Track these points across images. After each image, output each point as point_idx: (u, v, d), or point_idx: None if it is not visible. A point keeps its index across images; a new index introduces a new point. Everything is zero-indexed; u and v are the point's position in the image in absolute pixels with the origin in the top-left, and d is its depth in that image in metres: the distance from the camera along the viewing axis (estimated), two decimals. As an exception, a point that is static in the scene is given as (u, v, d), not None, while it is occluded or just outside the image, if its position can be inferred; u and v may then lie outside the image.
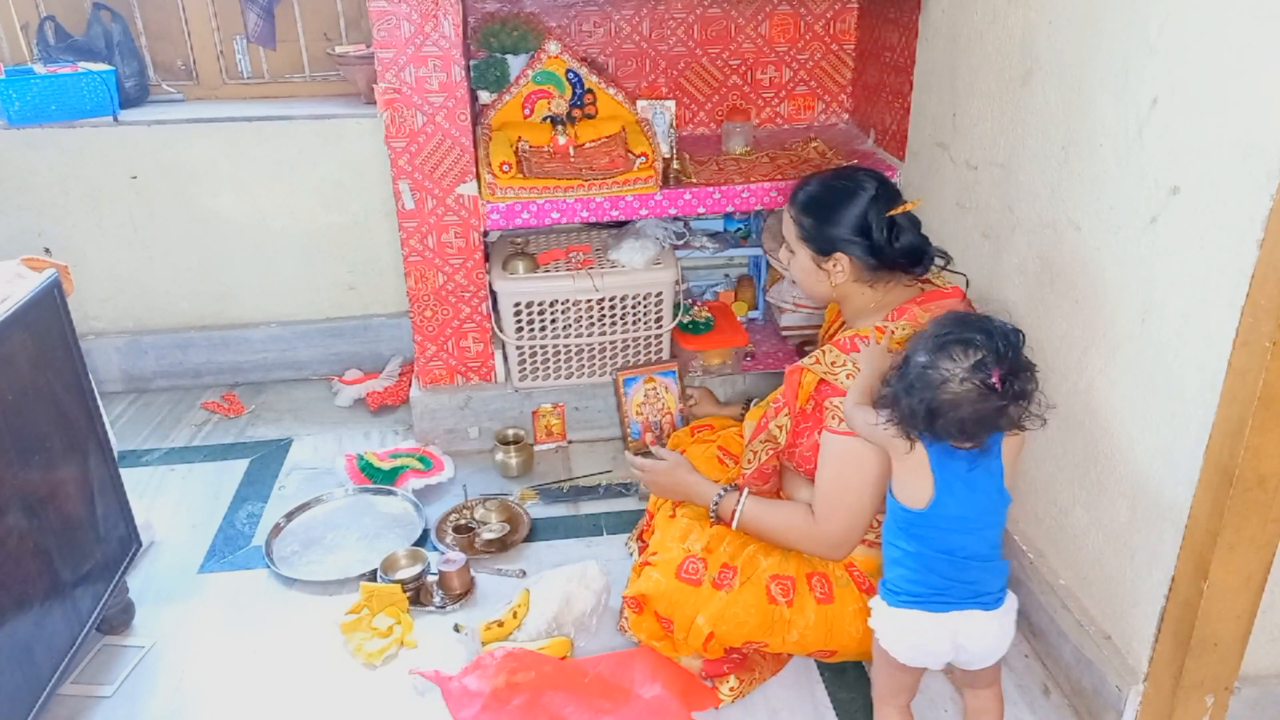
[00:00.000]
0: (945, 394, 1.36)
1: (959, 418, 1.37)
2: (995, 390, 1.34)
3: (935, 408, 1.36)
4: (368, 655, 1.81)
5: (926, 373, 1.37)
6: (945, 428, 1.38)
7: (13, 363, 1.55)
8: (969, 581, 1.46)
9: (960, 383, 1.35)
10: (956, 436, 1.40)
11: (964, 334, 1.38)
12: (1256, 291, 1.24)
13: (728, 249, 2.80)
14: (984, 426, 1.39)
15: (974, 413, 1.36)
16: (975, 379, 1.34)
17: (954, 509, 1.44)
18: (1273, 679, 1.57)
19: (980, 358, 1.35)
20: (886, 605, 1.50)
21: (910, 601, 1.47)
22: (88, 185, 2.64)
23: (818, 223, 1.71)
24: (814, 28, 2.77)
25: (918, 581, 1.47)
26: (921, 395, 1.37)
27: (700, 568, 1.69)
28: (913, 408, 1.39)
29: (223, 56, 2.83)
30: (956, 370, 1.35)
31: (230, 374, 2.90)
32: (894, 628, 1.50)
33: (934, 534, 1.45)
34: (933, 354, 1.38)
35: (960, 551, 1.45)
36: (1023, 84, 1.79)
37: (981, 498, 1.45)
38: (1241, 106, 1.24)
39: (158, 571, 2.10)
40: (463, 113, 2.21)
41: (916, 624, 1.47)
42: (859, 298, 1.74)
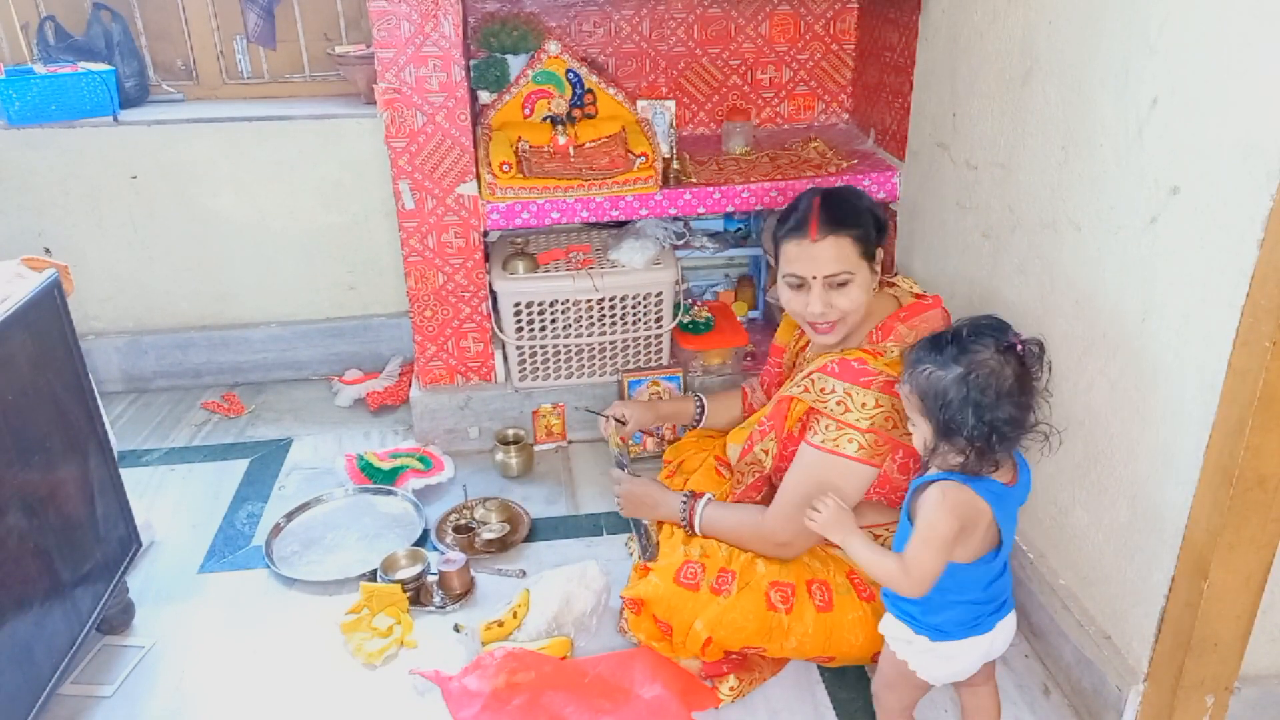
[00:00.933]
0: (1002, 380, 1.33)
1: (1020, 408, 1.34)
2: (1029, 350, 1.35)
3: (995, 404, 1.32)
4: (368, 655, 1.81)
5: (972, 378, 1.33)
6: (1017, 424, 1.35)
7: (13, 363, 1.55)
8: (1000, 594, 1.47)
9: (1002, 365, 1.33)
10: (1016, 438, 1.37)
11: (963, 333, 1.38)
12: (1256, 291, 1.24)
13: (728, 249, 2.80)
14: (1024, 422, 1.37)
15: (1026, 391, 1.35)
16: (1007, 354, 1.34)
17: (1009, 546, 1.44)
18: (1273, 679, 1.57)
19: (986, 340, 1.35)
20: (931, 641, 1.45)
21: (961, 634, 1.45)
22: (88, 185, 2.64)
23: (869, 231, 1.69)
24: (814, 28, 2.77)
25: (966, 618, 1.44)
26: (983, 398, 1.32)
27: (698, 572, 1.70)
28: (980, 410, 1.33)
29: (223, 56, 2.83)
30: (988, 356, 1.34)
31: (230, 374, 2.90)
32: (940, 659, 1.47)
33: (986, 574, 1.42)
34: (961, 363, 1.35)
35: (999, 574, 1.45)
36: (1023, 84, 1.79)
37: (1015, 520, 1.46)
38: (1241, 106, 1.24)
39: (158, 571, 2.10)
40: (463, 113, 2.21)
41: (965, 649, 1.46)
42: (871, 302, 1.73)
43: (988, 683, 1.58)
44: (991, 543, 1.41)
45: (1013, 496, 1.41)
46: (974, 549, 1.40)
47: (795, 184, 2.38)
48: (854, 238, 1.66)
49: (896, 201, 2.43)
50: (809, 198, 1.71)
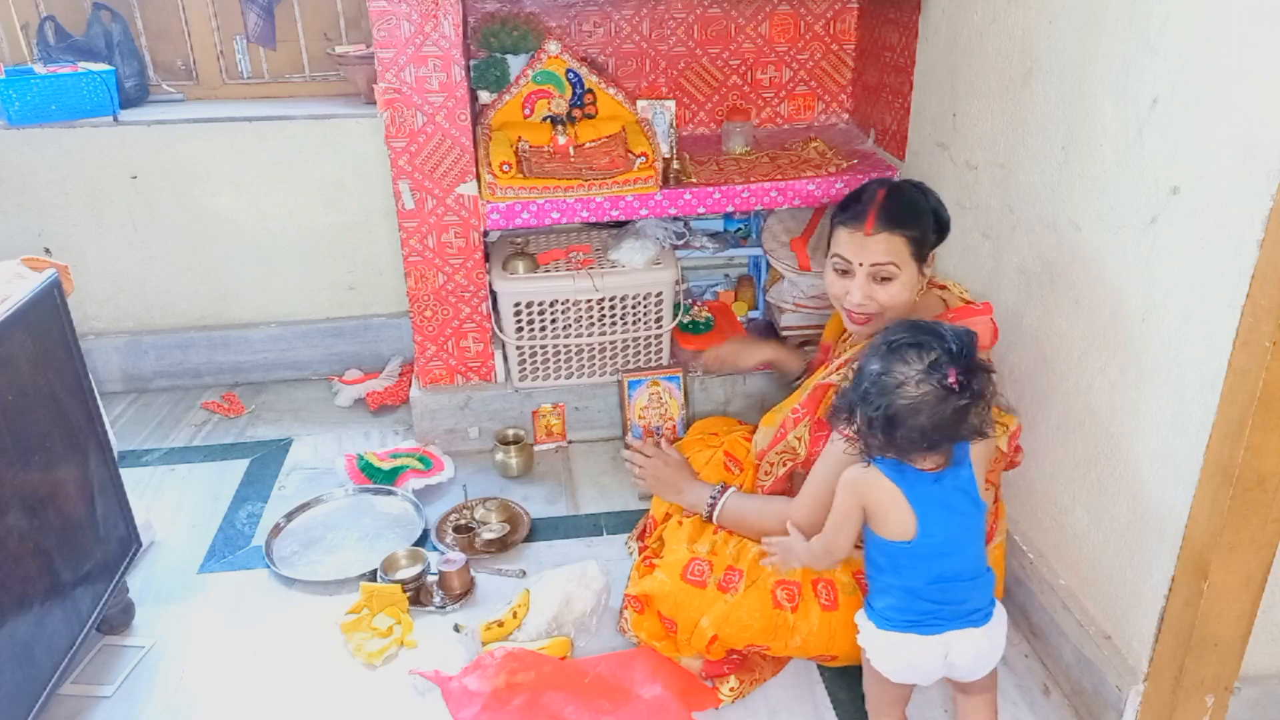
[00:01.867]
0: (903, 398, 1.33)
1: (919, 425, 1.33)
2: (953, 390, 1.32)
3: (893, 414, 1.33)
4: (368, 655, 1.81)
5: (882, 379, 1.35)
6: (906, 438, 1.35)
7: (13, 363, 1.55)
8: (959, 602, 1.44)
9: (917, 385, 1.33)
10: (919, 447, 1.37)
11: (916, 337, 1.36)
12: (1256, 291, 1.24)
13: (728, 249, 2.79)
14: (945, 434, 1.36)
15: (934, 417, 1.33)
16: (932, 380, 1.32)
17: (939, 535, 1.40)
18: (1273, 679, 1.57)
19: (934, 358, 1.33)
20: (875, 628, 1.47)
21: (902, 625, 1.45)
22: (88, 185, 2.64)
23: (925, 229, 1.67)
24: (814, 28, 2.77)
25: (907, 609, 1.44)
26: (878, 402, 1.34)
27: (705, 570, 1.70)
28: (870, 417, 1.36)
29: (223, 56, 2.83)
30: (911, 373, 1.33)
31: (230, 374, 2.90)
32: (885, 648, 1.47)
33: (922, 564, 1.42)
34: (885, 359, 1.36)
35: (948, 575, 1.42)
36: (1023, 84, 1.79)
37: (959, 516, 1.42)
38: (1241, 106, 1.24)
39: (158, 571, 2.10)
40: (463, 113, 2.21)
41: (907, 645, 1.45)
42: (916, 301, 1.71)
43: (985, 693, 1.56)
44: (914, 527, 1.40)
45: (931, 480, 1.39)
46: (891, 528, 1.41)
47: (795, 184, 2.38)
48: (908, 238, 1.64)
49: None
50: (874, 189, 1.68)
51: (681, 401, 2.50)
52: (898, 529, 1.41)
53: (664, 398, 2.49)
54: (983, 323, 1.66)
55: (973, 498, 1.44)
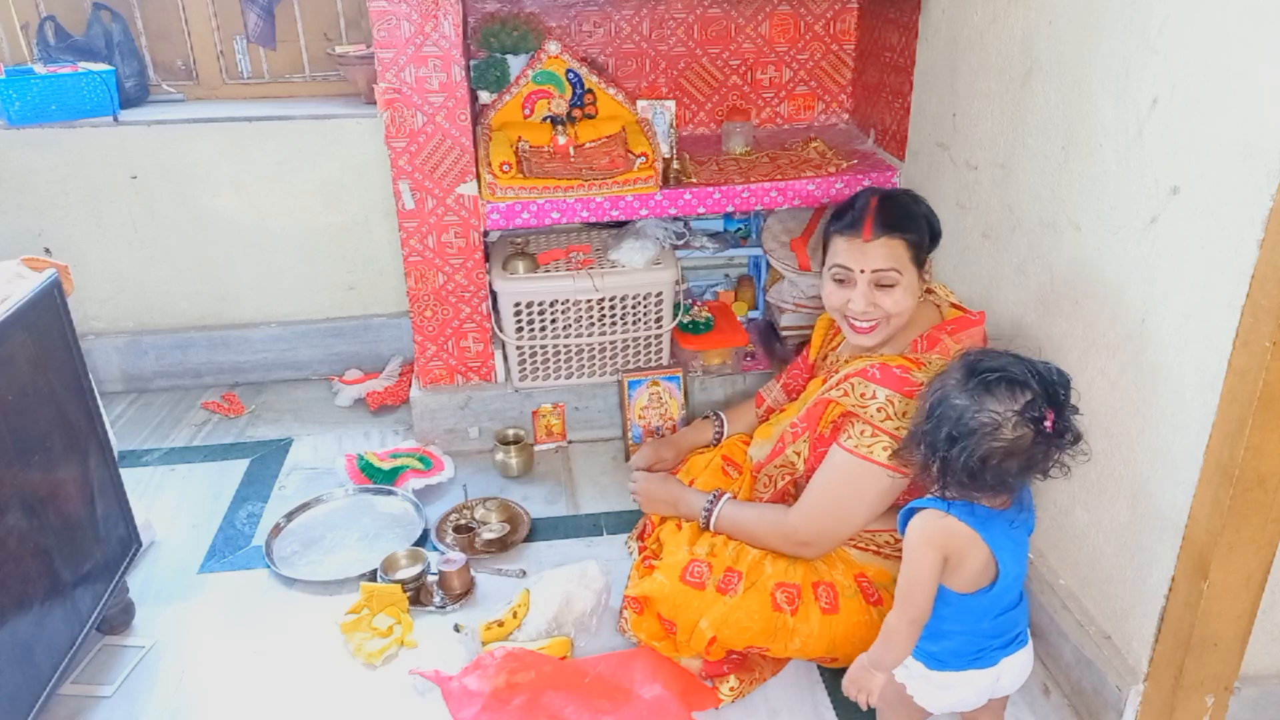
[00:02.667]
0: (998, 441, 1.22)
1: (1009, 469, 1.24)
2: (1050, 435, 1.23)
3: (985, 456, 1.23)
4: (368, 655, 1.81)
5: (974, 417, 1.23)
6: (993, 482, 1.25)
7: (13, 363, 1.55)
8: (1009, 629, 1.42)
9: (1014, 428, 1.23)
10: (995, 490, 1.28)
11: (1008, 372, 1.25)
12: (1256, 291, 1.24)
13: (728, 249, 2.79)
14: (1028, 475, 1.28)
15: (1026, 462, 1.24)
16: (1028, 422, 1.22)
17: (1013, 574, 1.35)
18: (1273, 679, 1.57)
19: (1030, 398, 1.23)
20: (927, 669, 1.41)
21: (959, 665, 1.41)
22: (88, 185, 2.64)
23: (924, 235, 1.67)
24: (814, 28, 2.77)
25: (971, 649, 1.40)
26: (967, 444, 1.23)
27: (705, 571, 1.69)
28: (954, 459, 1.24)
29: (223, 56, 2.83)
30: (1007, 414, 1.23)
31: (230, 374, 2.90)
32: (939, 688, 1.43)
33: (994, 605, 1.36)
34: (975, 396, 1.24)
35: (1007, 609, 1.39)
36: (1023, 84, 1.79)
37: (1024, 550, 1.38)
38: (1241, 106, 1.24)
39: (158, 571, 2.10)
40: (463, 113, 2.21)
41: (963, 682, 1.42)
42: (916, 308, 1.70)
43: (996, 714, 1.55)
44: (992, 572, 1.33)
45: (1004, 520, 1.32)
46: (969, 577, 1.33)
47: (795, 184, 2.38)
48: (908, 242, 1.64)
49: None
50: (867, 197, 1.68)
51: (681, 401, 2.50)
52: (976, 577, 1.33)
53: (664, 398, 2.49)
54: (978, 333, 1.68)
55: (1032, 524, 1.39)
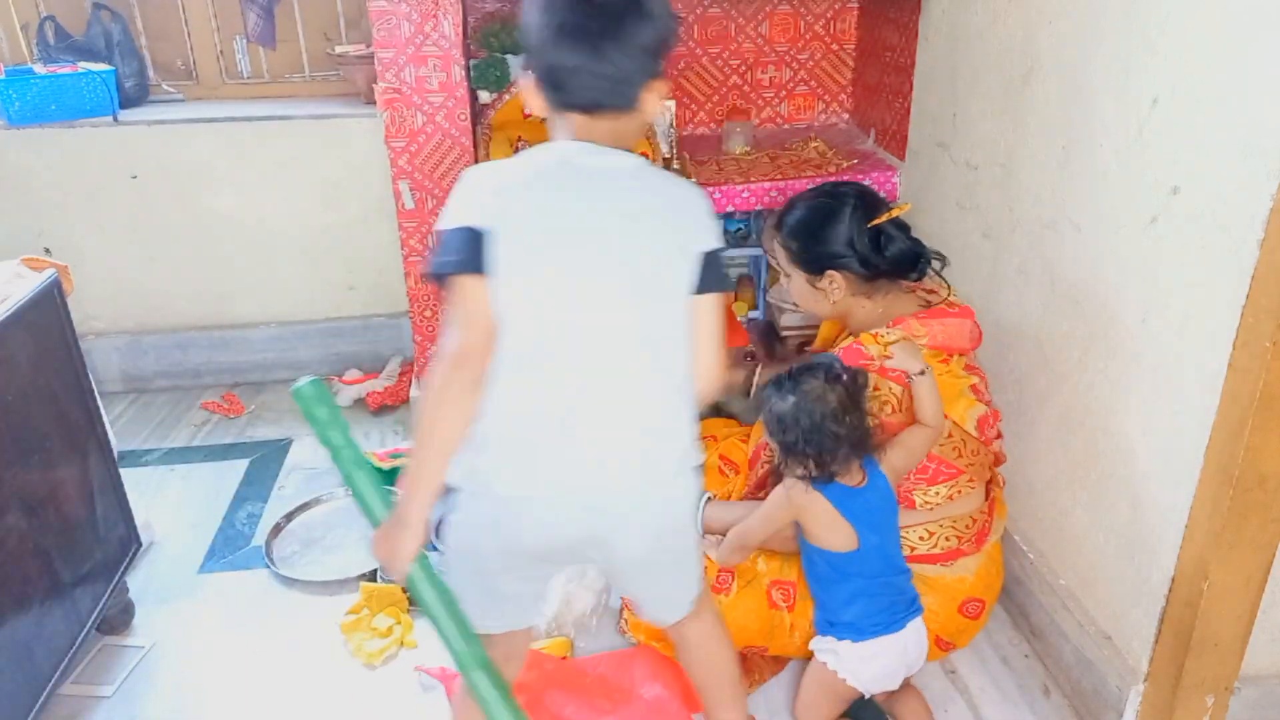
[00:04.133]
0: (829, 404, 1.48)
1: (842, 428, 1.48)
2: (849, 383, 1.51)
3: (832, 419, 1.48)
4: (368, 655, 1.81)
5: (806, 402, 1.49)
6: (837, 441, 1.49)
7: (13, 363, 1.55)
8: (902, 592, 1.59)
9: (830, 390, 1.49)
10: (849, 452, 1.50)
11: (796, 371, 1.54)
12: (1257, 291, 1.24)
13: (728, 249, 2.79)
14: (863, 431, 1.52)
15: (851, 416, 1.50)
16: (835, 382, 1.50)
17: (875, 538, 1.54)
18: (1273, 679, 1.57)
19: (820, 370, 1.52)
20: (852, 643, 1.56)
21: (873, 631, 1.55)
22: (88, 185, 2.64)
23: (804, 244, 1.72)
24: (814, 28, 2.77)
25: (876, 610, 1.55)
26: (807, 421, 1.48)
27: None
28: (807, 437, 1.49)
29: (223, 56, 2.83)
30: (819, 385, 1.50)
31: (230, 374, 2.90)
32: (863, 660, 1.56)
33: (868, 567, 1.54)
34: (795, 390, 1.51)
35: (888, 572, 1.57)
36: (1023, 84, 1.79)
37: (883, 517, 1.57)
38: (1241, 106, 1.24)
39: (158, 571, 2.10)
40: (463, 113, 2.21)
41: (882, 649, 1.56)
42: (860, 311, 1.74)
43: (909, 688, 1.66)
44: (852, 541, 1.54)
45: (860, 496, 1.53)
46: (832, 541, 1.54)
47: (795, 184, 2.38)
48: (780, 243, 1.77)
49: (896, 202, 2.43)
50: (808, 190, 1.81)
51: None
52: (841, 542, 1.54)
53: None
54: (957, 324, 1.68)
55: (891, 500, 1.58)
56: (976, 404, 1.67)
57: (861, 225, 1.68)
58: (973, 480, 1.66)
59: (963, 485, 1.64)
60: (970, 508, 1.69)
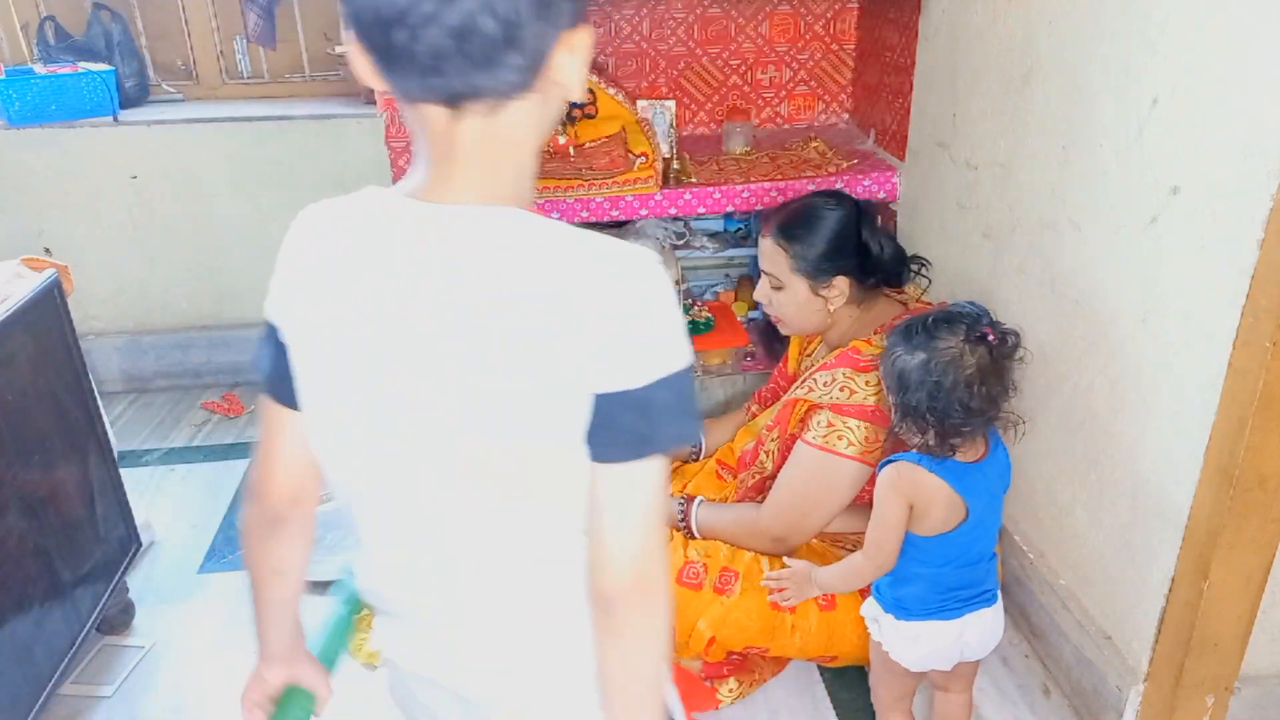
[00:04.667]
0: (966, 368, 1.32)
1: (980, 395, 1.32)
2: (996, 345, 1.34)
3: (967, 386, 1.31)
4: (368, 655, 1.81)
5: (938, 363, 1.32)
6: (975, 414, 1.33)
7: (13, 363, 1.55)
8: (978, 583, 1.46)
9: (971, 352, 1.32)
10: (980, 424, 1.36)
11: (937, 316, 1.37)
12: (1257, 291, 1.24)
13: (728, 249, 2.79)
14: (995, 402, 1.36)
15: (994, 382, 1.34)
16: (979, 341, 1.33)
17: (982, 520, 1.40)
18: (1273, 679, 1.57)
19: (966, 324, 1.34)
20: (895, 620, 1.46)
21: (923, 614, 1.44)
22: (88, 185, 2.64)
23: (811, 249, 1.69)
24: (814, 28, 2.77)
25: (931, 598, 1.44)
26: (944, 387, 1.32)
27: (700, 572, 1.69)
28: (948, 406, 1.32)
29: (223, 56, 2.83)
30: (959, 344, 1.33)
31: (230, 374, 2.90)
32: (908, 640, 1.46)
33: (963, 549, 1.41)
34: (927, 346, 1.34)
35: (975, 558, 1.43)
36: (1023, 84, 1.79)
37: (992, 496, 1.43)
38: (1241, 106, 1.24)
39: (158, 571, 2.10)
40: (463, 113, 2.20)
41: (932, 633, 1.45)
42: (846, 321, 1.74)
43: (963, 692, 1.56)
44: (958, 518, 1.39)
45: (979, 472, 1.39)
46: (933, 524, 1.39)
47: (795, 184, 2.38)
48: (786, 250, 1.70)
49: (896, 201, 2.43)
50: (799, 198, 1.77)
51: None
52: (942, 522, 1.39)
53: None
54: None
55: (1008, 477, 1.45)
56: None
57: (871, 229, 1.68)
58: None
59: None
60: None
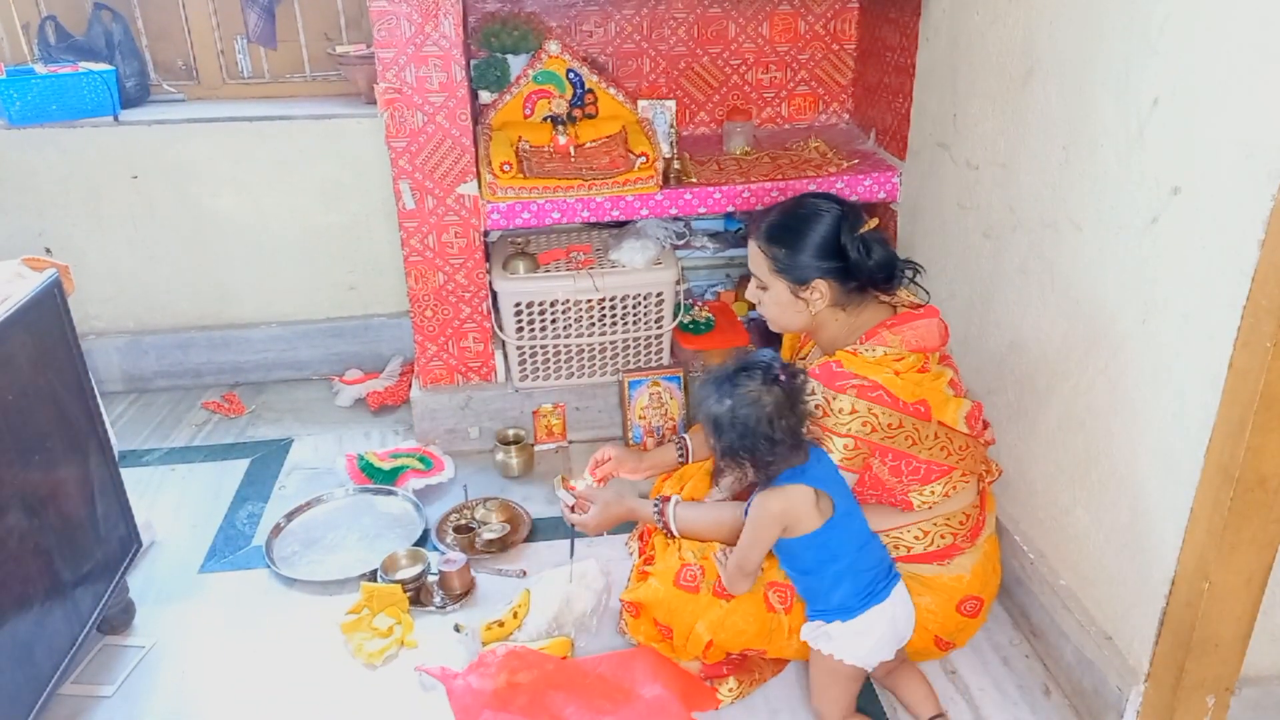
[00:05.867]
0: (767, 406, 1.48)
1: (788, 424, 1.49)
2: (785, 380, 1.51)
3: (770, 421, 1.48)
4: (368, 655, 1.81)
5: (743, 405, 1.49)
6: (785, 436, 1.49)
7: (13, 363, 1.55)
8: (881, 560, 1.61)
9: (768, 391, 1.49)
10: (791, 448, 1.51)
11: (733, 371, 1.54)
12: (1257, 291, 1.24)
13: (728, 249, 2.79)
14: (801, 423, 1.52)
15: (791, 410, 1.50)
16: (771, 381, 1.50)
17: (841, 504, 1.56)
18: (1273, 680, 1.57)
19: (754, 369, 1.52)
20: (843, 622, 1.56)
21: (861, 605, 1.56)
22: (88, 185, 2.64)
23: (792, 252, 1.68)
24: (814, 28, 2.77)
25: (860, 587, 1.56)
26: (751, 426, 1.48)
27: (698, 575, 1.69)
28: (755, 443, 1.49)
29: (223, 56, 2.83)
30: (756, 386, 1.50)
31: (231, 374, 2.90)
32: (857, 635, 1.56)
33: (845, 532, 1.56)
34: (730, 393, 1.51)
35: (864, 535, 1.60)
36: (1023, 84, 1.79)
37: (842, 486, 1.58)
38: (1242, 106, 1.24)
39: (158, 571, 2.10)
40: (463, 113, 2.21)
41: (875, 620, 1.56)
42: (833, 324, 1.72)
43: (901, 661, 1.68)
44: (829, 507, 1.55)
45: (812, 468, 1.54)
46: (814, 519, 1.54)
47: (795, 184, 2.38)
48: (765, 252, 1.71)
49: (896, 202, 2.43)
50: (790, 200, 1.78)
51: (682, 401, 2.50)
52: (816, 517, 1.54)
53: (664, 398, 2.49)
54: (925, 325, 1.66)
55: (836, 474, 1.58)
56: (963, 402, 1.67)
57: (849, 233, 1.66)
58: (965, 475, 1.66)
59: (956, 481, 1.64)
60: (964, 503, 1.69)
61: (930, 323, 1.67)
